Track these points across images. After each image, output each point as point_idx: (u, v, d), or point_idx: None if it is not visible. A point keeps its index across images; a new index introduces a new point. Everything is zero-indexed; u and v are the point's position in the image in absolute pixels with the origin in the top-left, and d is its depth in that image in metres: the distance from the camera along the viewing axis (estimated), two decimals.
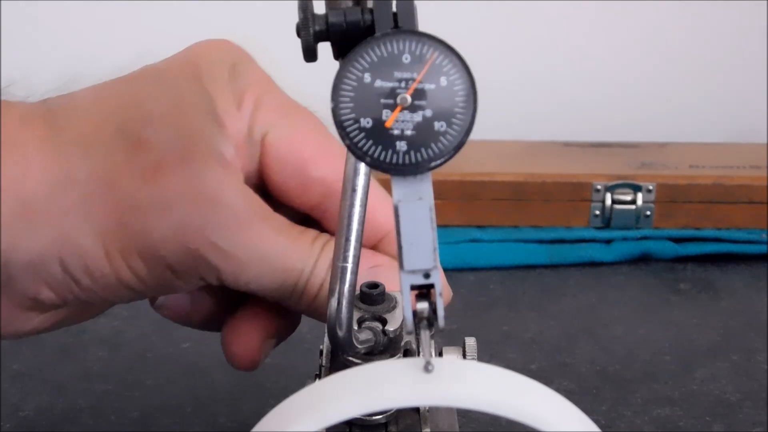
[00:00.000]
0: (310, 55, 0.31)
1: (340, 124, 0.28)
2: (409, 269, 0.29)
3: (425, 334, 0.29)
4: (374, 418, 0.38)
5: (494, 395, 0.27)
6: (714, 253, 0.71)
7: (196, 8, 0.87)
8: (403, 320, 0.38)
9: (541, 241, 0.72)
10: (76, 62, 0.88)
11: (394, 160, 0.28)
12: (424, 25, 0.29)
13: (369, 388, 0.27)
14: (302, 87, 0.88)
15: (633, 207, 0.74)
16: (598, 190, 0.74)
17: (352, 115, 0.28)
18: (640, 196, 0.74)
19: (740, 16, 0.92)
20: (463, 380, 0.28)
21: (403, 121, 0.28)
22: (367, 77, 0.28)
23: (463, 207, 0.74)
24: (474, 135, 0.29)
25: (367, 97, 0.28)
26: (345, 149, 0.29)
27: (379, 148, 0.28)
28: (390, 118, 0.28)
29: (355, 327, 0.39)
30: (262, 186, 0.40)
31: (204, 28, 0.89)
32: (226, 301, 0.41)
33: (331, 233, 0.40)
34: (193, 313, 0.41)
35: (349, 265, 0.36)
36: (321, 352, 0.43)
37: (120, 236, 0.36)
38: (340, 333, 0.37)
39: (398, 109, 0.28)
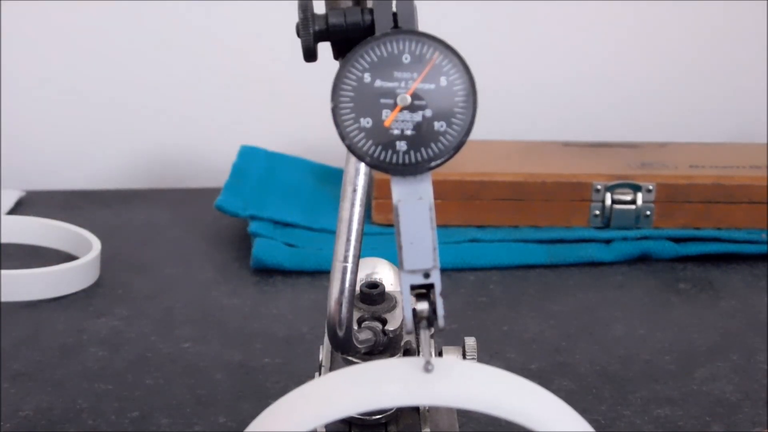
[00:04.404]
0: (309, 55, 0.31)
1: (340, 124, 0.28)
2: (409, 269, 0.29)
3: (425, 334, 0.29)
4: (374, 417, 0.38)
5: (491, 396, 0.27)
6: (714, 253, 0.71)
7: (197, 8, 0.87)
8: (403, 320, 0.38)
9: (541, 241, 0.72)
10: (76, 61, 0.88)
11: (394, 160, 0.28)
12: (424, 25, 0.29)
13: (368, 386, 0.27)
14: (302, 87, 0.89)
15: (633, 207, 0.74)
16: (598, 190, 0.74)
17: (352, 115, 0.28)
18: (640, 196, 0.74)
19: (740, 16, 0.92)
20: (461, 381, 0.28)
21: (402, 121, 0.28)
22: (367, 77, 0.28)
23: (463, 207, 0.74)
24: (474, 135, 0.29)
25: (367, 97, 0.28)
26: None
27: (379, 148, 0.28)
28: (389, 117, 0.28)
29: (355, 327, 0.39)
30: None
31: (204, 28, 0.89)
32: None
33: None
34: None
35: (349, 265, 0.36)
36: (320, 351, 0.43)
37: None
38: (340, 333, 0.37)
39: (398, 109, 0.28)
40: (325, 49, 0.31)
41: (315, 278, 0.67)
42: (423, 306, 0.29)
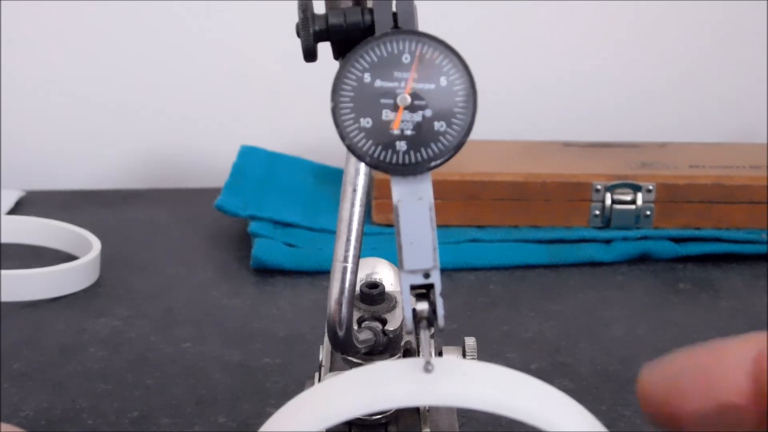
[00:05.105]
0: (309, 55, 0.31)
1: (340, 124, 0.28)
2: (409, 269, 0.29)
3: (425, 334, 0.29)
4: (374, 417, 0.38)
5: (495, 394, 0.27)
6: (714, 253, 0.71)
7: (197, 8, 0.87)
8: (403, 320, 0.38)
9: (541, 241, 0.72)
10: (75, 61, 0.88)
11: (394, 160, 0.28)
12: (424, 25, 0.29)
13: (369, 388, 0.27)
14: (302, 87, 0.89)
15: (633, 207, 0.74)
16: (598, 190, 0.74)
17: (352, 115, 0.28)
18: (640, 196, 0.74)
19: (740, 16, 0.92)
20: (463, 379, 0.27)
21: (403, 121, 0.28)
22: (367, 77, 0.28)
23: (463, 207, 0.74)
24: (474, 135, 0.29)
25: (367, 97, 0.28)
26: None
27: (379, 148, 0.28)
28: (396, 119, 0.28)
29: (355, 327, 0.39)
30: None
31: (204, 28, 0.89)
32: None
33: None
34: None
35: (349, 265, 0.36)
36: (320, 351, 0.43)
37: None
38: (340, 333, 0.37)
39: (401, 110, 0.28)
40: (325, 49, 0.31)
41: (315, 278, 0.67)
42: (423, 306, 0.29)
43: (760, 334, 0.27)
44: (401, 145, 0.28)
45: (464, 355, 0.40)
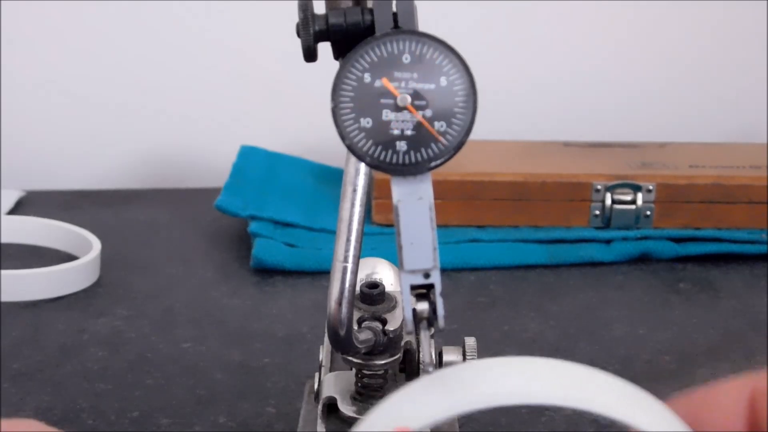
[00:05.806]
0: (310, 55, 0.31)
1: (340, 124, 0.28)
2: (409, 269, 0.29)
3: (425, 334, 0.29)
4: None
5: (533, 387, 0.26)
6: (714, 253, 0.71)
7: (197, 8, 0.87)
8: (403, 320, 0.38)
9: (541, 241, 0.72)
10: (76, 61, 0.88)
11: (394, 160, 0.28)
12: (424, 25, 0.29)
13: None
14: (302, 87, 0.89)
15: (633, 207, 0.74)
16: (598, 190, 0.74)
17: (352, 115, 0.28)
18: (640, 196, 0.74)
19: (740, 17, 0.92)
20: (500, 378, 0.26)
21: (402, 121, 0.28)
22: (367, 77, 0.28)
23: (463, 207, 0.74)
24: (474, 135, 0.29)
25: (367, 97, 0.28)
26: None
27: (379, 148, 0.28)
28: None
29: (355, 327, 0.39)
30: None
31: (204, 28, 0.89)
32: None
33: None
34: None
35: (350, 265, 0.36)
36: (320, 351, 0.43)
37: None
38: (341, 333, 0.37)
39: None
40: (325, 49, 0.31)
41: (315, 278, 0.67)
42: (423, 306, 0.29)
43: (751, 375, 0.26)
44: (401, 145, 0.28)
45: (464, 355, 0.41)
